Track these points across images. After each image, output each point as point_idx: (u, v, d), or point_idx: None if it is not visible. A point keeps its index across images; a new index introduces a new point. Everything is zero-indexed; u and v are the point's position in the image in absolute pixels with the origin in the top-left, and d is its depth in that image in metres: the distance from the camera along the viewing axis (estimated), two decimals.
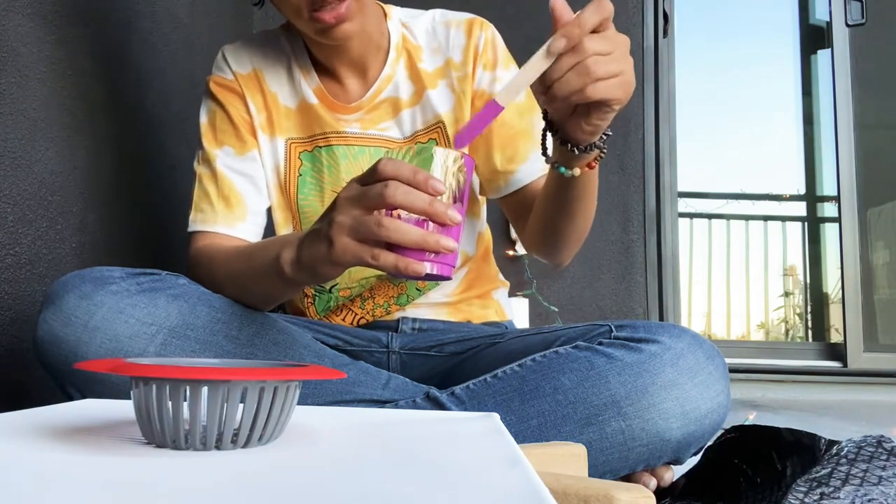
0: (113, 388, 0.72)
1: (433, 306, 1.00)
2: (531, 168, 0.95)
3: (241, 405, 0.40)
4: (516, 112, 0.96)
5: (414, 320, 0.99)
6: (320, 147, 0.96)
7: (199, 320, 0.76)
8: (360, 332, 0.96)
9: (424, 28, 0.99)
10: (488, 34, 0.98)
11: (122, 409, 0.55)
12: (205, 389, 0.38)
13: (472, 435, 0.47)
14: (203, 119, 0.97)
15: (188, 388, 0.39)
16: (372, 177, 0.60)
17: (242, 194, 0.94)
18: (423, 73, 0.97)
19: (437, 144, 0.99)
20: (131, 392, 0.41)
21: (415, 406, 0.78)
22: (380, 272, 0.93)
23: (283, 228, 0.98)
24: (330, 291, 0.98)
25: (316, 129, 0.96)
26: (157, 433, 0.39)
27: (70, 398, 0.74)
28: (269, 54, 0.98)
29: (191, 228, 0.94)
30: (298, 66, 0.97)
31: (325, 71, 0.97)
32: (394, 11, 0.99)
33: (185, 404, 0.39)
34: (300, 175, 0.97)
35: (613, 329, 0.80)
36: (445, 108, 0.96)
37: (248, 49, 0.98)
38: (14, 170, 0.91)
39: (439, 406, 0.77)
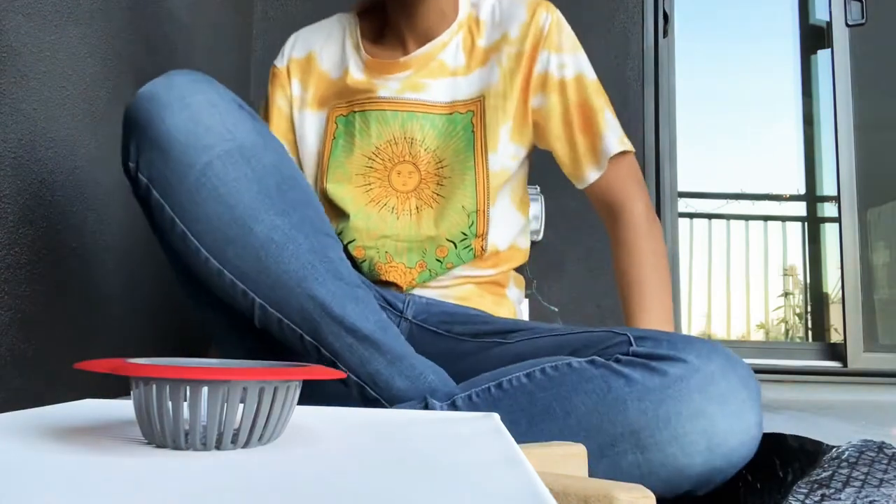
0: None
1: (446, 291, 0.98)
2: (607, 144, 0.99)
3: (241, 405, 0.40)
4: (594, 91, 1.00)
5: (422, 297, 0.97)
6: (355, 112, 1.01)
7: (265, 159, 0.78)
8: (378, 289, 0.96)
9: (491, 3, 1.03)
10: (554, 17, 1.00)
11: (122, 409, 0.55)
12: (205, 389, 0.38)
13: (472, 435, 0.47)
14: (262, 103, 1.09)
15: (188, 388, 0.39)
16: None
17: None
18: (478, 49, 1.01)
19: (473, 116, 1.02)
20: (131, 392, 0.41)
21: None
22: (402, 239, 0.95)
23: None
24: (346, 247, 0.97)
25: (353, 96, 1.02)
26: (157, 433, 0.39)
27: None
28: (331, 34, 1.07)
29: None
30: (351, 41, 1.05)
31: (386, 39, 1.03)
32: None
33: (185, 404, 0.39)
34: (335, 138, 1.02)
35: (633, 342, 0.71)
36: (490, 82, 0.99)
37: (314, 32, 1.08)
38: (14, 170, 0.91)
39: None
